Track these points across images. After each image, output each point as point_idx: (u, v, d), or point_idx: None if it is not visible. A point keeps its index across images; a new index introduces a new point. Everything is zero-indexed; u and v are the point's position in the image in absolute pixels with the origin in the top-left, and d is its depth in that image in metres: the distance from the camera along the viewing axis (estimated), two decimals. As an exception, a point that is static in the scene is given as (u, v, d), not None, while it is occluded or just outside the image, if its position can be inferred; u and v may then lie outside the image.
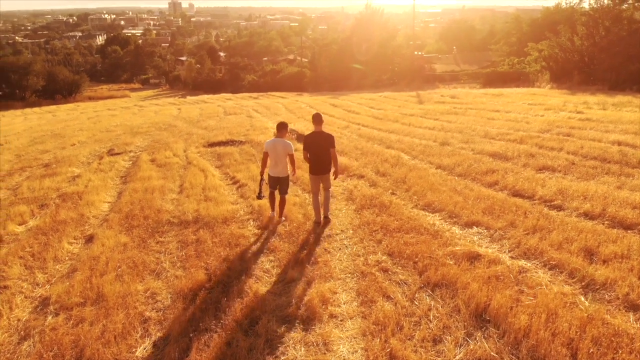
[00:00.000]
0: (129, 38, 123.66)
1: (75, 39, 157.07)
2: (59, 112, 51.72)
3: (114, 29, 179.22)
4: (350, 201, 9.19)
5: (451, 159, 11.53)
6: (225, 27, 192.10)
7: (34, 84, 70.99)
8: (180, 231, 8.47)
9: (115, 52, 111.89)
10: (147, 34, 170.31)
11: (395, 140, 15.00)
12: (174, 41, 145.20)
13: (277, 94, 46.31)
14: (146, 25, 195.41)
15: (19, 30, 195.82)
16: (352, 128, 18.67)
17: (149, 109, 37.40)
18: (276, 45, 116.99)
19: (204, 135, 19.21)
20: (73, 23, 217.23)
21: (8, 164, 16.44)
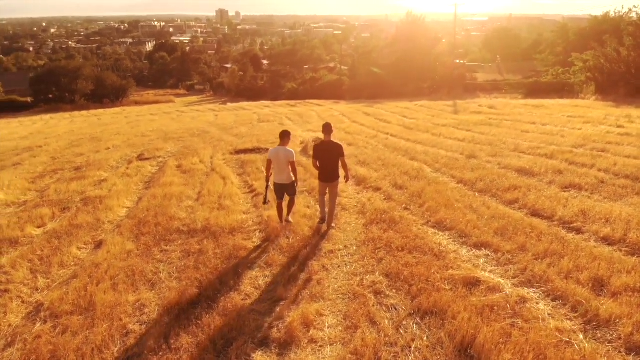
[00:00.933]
0: (177, 45, 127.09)
1: (126, 45, 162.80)
2: (104, 115, 53.47)
3: (163, 36, 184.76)
4: (361, 215, 8.89)
5: (474, 173, 11.04)
6: (270, 35, 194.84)
7: (83, 88, 73.61)
8: (187, 240, 8.39)
9: (163, 59, 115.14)
10: (195, 41, 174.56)
11: (421, 151, 14.58)
12: (220, 48, 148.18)
13: (314, 102, 46.34)
14: (194, 33, 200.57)
15: (73, 35, 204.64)
16: (380, 137, 18.32)
17: (187, 115, 38.11)
18: (318, 53, 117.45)
19: (233, 142, 19.28)
20: (124, 30, 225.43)
21: (42, 166, 16.93)
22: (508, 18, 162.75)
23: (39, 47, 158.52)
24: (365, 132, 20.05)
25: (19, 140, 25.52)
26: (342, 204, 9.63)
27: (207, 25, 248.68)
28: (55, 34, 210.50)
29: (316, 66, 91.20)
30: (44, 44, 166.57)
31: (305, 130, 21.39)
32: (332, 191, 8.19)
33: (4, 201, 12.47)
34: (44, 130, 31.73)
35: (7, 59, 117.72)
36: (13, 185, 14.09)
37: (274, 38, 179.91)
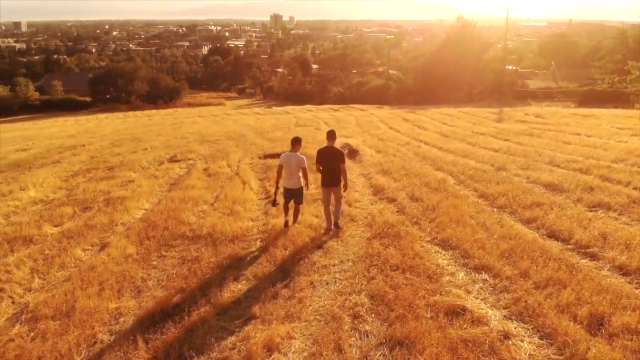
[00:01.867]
0: (231, 49, 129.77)
1: (183, 48, 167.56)
2: (155, 116, 55.07)
3: (219, 40, 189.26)
4: (368, 227, 8.49)
5: (499, 187, 10.39)
6: (322, 39, 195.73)
7: (138, 89, 76.19)
8: (188, 246, 8.27)
9: (217, 62, 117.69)
10: (249, 45, 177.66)
11: (450, 161, 13.95)
12: (272, 53, 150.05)
13: (357, 107, 45.87)
14: (248, 37, 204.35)
15: (134, 38, 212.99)
16: (411, 145, 17.75)
17: (231, 118, 38.61)
18: (369, 57, 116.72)
19: (264, 146, 19.22)
20: (182, 33, 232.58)
21: (79, 165, 17.41)
22: (568, 24, 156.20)
23: (101, 49, 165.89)
24: (398, 139, 19.51)
25: (67, 138, 26.52)
26: (352, 215, 9.27)
27: (262, 29, 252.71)
28: (117, 37, 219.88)
29: (365, 70, 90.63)
30: (106, 46, 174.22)
31: (338, 136, 21.01)
32: (336, 195, 8.42)
33: (33, 198, 12.84)
34: (93, 129, 32.92)
35: (71, 59, 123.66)
36: (46, 183, 14.52)
37: (326, 42, 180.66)
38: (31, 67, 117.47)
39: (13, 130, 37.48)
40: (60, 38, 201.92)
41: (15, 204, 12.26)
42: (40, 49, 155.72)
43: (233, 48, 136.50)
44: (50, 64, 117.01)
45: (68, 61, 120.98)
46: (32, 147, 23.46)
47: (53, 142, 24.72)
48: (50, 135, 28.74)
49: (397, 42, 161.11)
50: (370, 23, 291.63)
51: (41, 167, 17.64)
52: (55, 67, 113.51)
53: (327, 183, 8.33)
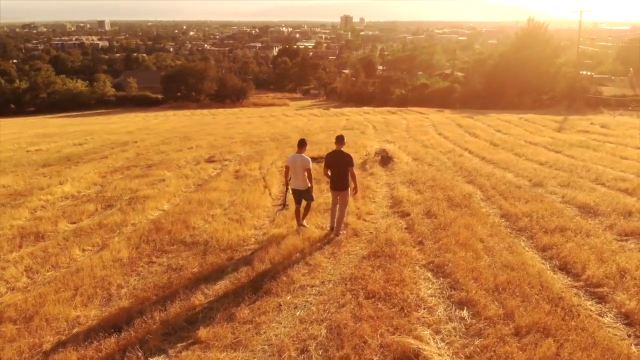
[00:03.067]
0: (298, 50, 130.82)
1: (255, 49, 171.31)
2: (219, 115, 56.44)
3: (290, 41, 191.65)
4: (368, 244, 7.90)
5: (527, 205, 9.42)
6: (391, 40, 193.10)
7: (207, 88, 78.55)
8: (180, 253, 8.06)
9: (285, 63, 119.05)
10: (318, 46, 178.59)
11: (487, 173, 12.95)
12: (340, 54, 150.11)
13: (416, 110, 44.66)
14: (318, 39, 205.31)
15: (209, 38, 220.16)
16: (454, 153, 16.76)
17: (284, 119, 38.72)
18: (437, 59, 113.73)
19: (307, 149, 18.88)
20: (255, 34, 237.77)
21: (122, 162, 17.85)
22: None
23: (178, 48, 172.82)
24: (442, 146, 18.54)
25: (124, 134, 27.51)
26: (357, 229, 8.70)
27: (332, 31, 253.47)
28: (193, 37, 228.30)
29: (432, 72, 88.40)
30: (183, 46, 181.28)
31: (380, 141, 20.37)
32: (342, 200, 8.41)
33: (65, 193, 13.20)
34: (153, 126, 34.07)
35: (149, 57, 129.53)
36: (84, 178, 14.95)
37: (395, 44, 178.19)
38: (112, 64, 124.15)
39: (82, 124, 39.59)
40: (141, 37, 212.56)
41: (47, 199, 12.65)
42: (122, 47, 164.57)
43: (301, 49, 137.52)
44: (130, 62, 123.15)
45: (146, 59, 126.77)
46: (89, 142, 24.47)
47: (110, 138, 25.69)
48: (110, 131, 29.98)
49: (469, 43, 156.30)
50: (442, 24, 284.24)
51: (88, 162, 18.26)
52: (135, 65, 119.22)
53: (334, 187, 8.41)
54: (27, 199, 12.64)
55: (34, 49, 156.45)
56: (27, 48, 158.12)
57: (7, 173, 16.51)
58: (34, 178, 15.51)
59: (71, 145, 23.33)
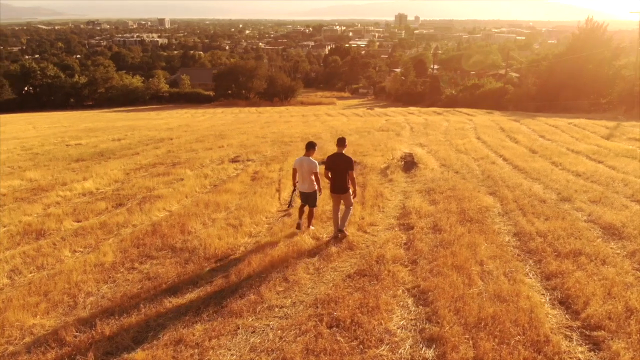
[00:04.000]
0: (349, 49, 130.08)
1: (308, 48, 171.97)
2: (265, 113, 56.76)
3: (343, 40, 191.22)
4: (358, 260, 7.34)
5: (545, 224, 8.54)
6: (446, 39, 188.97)
7: (257, 86, 79.29)
8: (164, 260, 7.80)
9: (335, 62, 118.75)
10: (370, 45, 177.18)
11: (514, 184, 11.99)
12: (392, 53, 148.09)
13: (464, 111, 43.07)
14: (371, 37, 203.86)
15: (264, 37, 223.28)
16: (486, 160, 15.76)
17: (324, 118, 38.27)
18: (493, 59, 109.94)
19: (330, 150, 18.32)
20: (308, 33, 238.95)
21: (150, 159, 17.96)
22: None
23: (233, 46, 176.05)
24: (477, 152, 17.51)
25: (164, 131, 27.91)
26: (354, 242, 8.14)
27: (385, 30, 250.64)
28: (248, 35, 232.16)
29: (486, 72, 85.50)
30: (238, 44, 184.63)
31: (412, 144, 19.56)
32: (345, 202, 8.42)
33: (85, 190, 13.32)
34: (194, 123, 34.47)
35: (205, 55, 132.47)
36: (107, 175, 15.08)
37: (450, 43, 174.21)
38: (170, 61, 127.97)
39: (130, 119, 40.71)
40: (198, 35, 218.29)
41: (65, 195, 12.79)
42: (180, 45, 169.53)
43: (353, 48, 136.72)
44: (186, 59, 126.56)
45: (202, 57, 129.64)
46: (128, 137, 24.96)
47: (148, 134, 26.12)
48: (152, 127, 30.54)
49: (527, 43, 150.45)
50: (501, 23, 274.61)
51: (119, 158, 18.51)
52: (191, 62, 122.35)
53: (334, 189, 8.33)
54: (45, 195, 12.83)
55: (97, 45, 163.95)
56: (90, 44, 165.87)
57: (40, 167, 16.96)
58: (62, 173, 15.81)
59: (110, 141, 23.84)
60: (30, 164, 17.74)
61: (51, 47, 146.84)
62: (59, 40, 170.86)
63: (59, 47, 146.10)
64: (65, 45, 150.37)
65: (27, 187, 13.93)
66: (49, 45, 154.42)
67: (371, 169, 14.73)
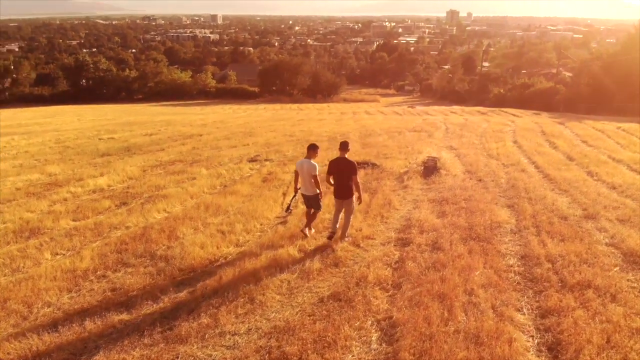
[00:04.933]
0: (398, 45, 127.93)
1: (356, 45, 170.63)
2: (304, 110, 56.45)
3: (392, 36, 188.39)
4: (339, 280, 6.67)
5: (560, 246, 7.58)
6: (499, 36, 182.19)
7: (301, 83, 79.16)
8: (140, 269, 7.40)
9: (382, 58, 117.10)
10: (420, 41, 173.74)
11: (537, 197, 10.93)
12: (443, 49, 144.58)
13: (510, 111, 41.12)
14: (421, 34, 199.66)
15: (312, 33, 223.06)
16: (515, 167, 14.61)
17: (360, 117, 37.42)
18: (547, 57, 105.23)
19: (356, 152, 17.60)
20: (357, 29, 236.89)
21: (173, 156, 17.80)
22: None
23: (282, 43, 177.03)
24: (509, 157, 16.31)
25: (198, 126, 27.93)
26: (342, 257, 7.48)
27: (436, 26, 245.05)
28: (297, 32, 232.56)
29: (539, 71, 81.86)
30: (287, 40, 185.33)
31: (442, 147, 18.54)
32: (347, 209, 8.16)
33: (97, 187, 13.22)
34: (229, 119, 34.47)
35: (254, 51, 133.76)
36: (124, 171, 14.99)
37: (503, 40, 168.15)
38: (220, 57, 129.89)
39: (171, 114, 41.27)
40: (249, 31, 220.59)
41: (75, 191, 12.73)
42: (231, 41, 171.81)
43: (401, 44, 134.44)
44: (236, 55, 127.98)
45: (251, 53, 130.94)
46: (160, 132, 25.07)
47: (180, 130, 26.19)
48: (187, 122, 30.67)
49: (584, 42, 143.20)
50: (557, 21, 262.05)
51: (144, 153, 18.49)
52: (240, 58, 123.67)
53: (337, 195, 8.13)
54: (57, 190, 12.82)
55: (151, 40, 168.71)
56: (145, 39, 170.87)
57: (65, 161, 17.12)
58: (83, 168, 15.86)
59: (141, 135, 24.01)
60: (57, 157, 17.97)
61: (108, 42, 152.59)
62: (116, 34, 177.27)
63: (115, 41, 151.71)
64: (122, 40, 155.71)
65: (43, 181, 13.99)
66: (106, 39, 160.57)
67: (389, 173, 13.94)
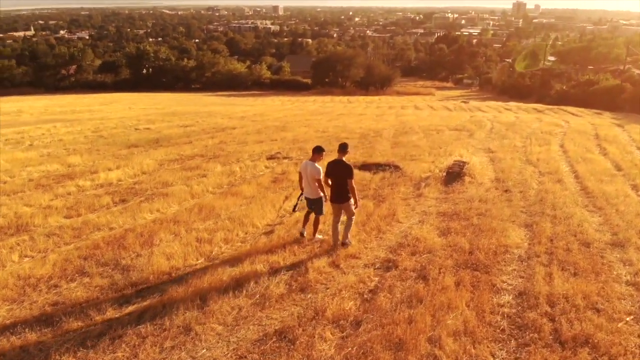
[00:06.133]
0: (458, 37, 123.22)
1: (416, 36, 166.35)
2: (354, 102, 55.39)
3: (454, 27, 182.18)
4: (297, 310, 5.83)
5: (570, 282, 6.36)
6: (568, 30, 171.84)
7: (354, 75, 77.83)
8: (93, 279, 6.86)
9: (441, 50, 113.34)
10: (483, 33, 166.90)
11: (563, 215, 9.55)
12: (506, 42, 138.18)
13: (570, 110, 38.25)
14: (485, 25, 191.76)
15: (372, 24, 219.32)
16: (551, 177, 13.06)
17: (404, 112, 35.98)
18: (617, 52, 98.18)
19: (381, 152, 16.63)
20: (418, 21, 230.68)
21: (197, 150, 17.46)
22: None
23: (341, 34, 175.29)
24: (549, 164, 14.66)
25: (234, 119, 27.59)
26: (314, 281, 6.64)
27: (501, 18, 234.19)
28: (357, 23, 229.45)
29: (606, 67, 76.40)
30: (346, 31, 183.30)
31: (479, 148, 17.14)
32: (347, 213, 7.92)
33: (107, 180, 13.01)
34: (269, 111, 34.03)
35: (312, 43, 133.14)
36: (140, 165, 14.75)
37: (572, 33, 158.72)
38: (279, 48, 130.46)
39: (217, 104, 41.46)
40: (309, 22, 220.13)
41: (83, 185, 12.55)
42: (290, 32, 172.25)
43: (461, 36, 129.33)
44: (294, 46, 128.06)
45: (309, 44, 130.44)
46: (196, 124, 24.92)
47: (217, 122, 25.98)
48: (227, 114, 30.45)
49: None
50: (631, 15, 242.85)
51: (170, 146, 18.26)
52: (298, 49, 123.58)
53: (334, 199, 7.86)
54: (66, 183, 12.68)
55: (214, 30, 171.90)
56: (208, 29, 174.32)
57: (91, 152, 17.15)
58: (104, 160, 15.77)
59: (177, 127, 23.94)
60: (86, 147, 18.05)
61: (173, 31, 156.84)
62: (181, 24, 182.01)
63: (179, 31, 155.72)
64: (186, 30, 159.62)
65: (59, 173, 13.94)
66: (171, 29, 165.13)
67: (408, 178, 12.83)
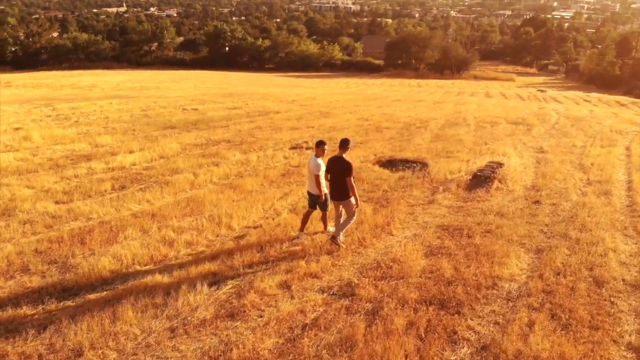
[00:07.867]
0: (546, 20, 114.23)
1: (503, 18, 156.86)
2: (426, 86, 53.15)
3: (545, 10, 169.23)
4: (217, 347, 5.03)
5: (552, 339, 5.01)
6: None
7: (428, 57, 74.64)
8: (31, 279, 6.47)
9: (527, 34, 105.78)
10: (576, 17, 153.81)
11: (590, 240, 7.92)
12: (600, 27, 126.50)
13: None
14: (578, 8, 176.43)
15: (457, 5, 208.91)
16: (597, 187, 11.22)
17: (472, 98, 33.53)
18: None
19: (416, 147, 15.27)
20: (506, 2, 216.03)
21: (229, 134, 17.03)
22: None
23: (423, 14, 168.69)
24: (602, 172, 12.67)
25: (284, 103, 26.77)
26: (249, 307, 5.78)
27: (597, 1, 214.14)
28: (440, 3, 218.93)
29: None
30: (429, 12, 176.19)
31: (531, 147, 15.36)
32: (347, 211, 7.61)
33: (121, 164, 12.82)
34: (322, 95, 33.01)
35: (391, 23, 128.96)
36: (163, 149, 14.47)
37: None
38: (357, 28, 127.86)
39: (280, 86, 41.08)
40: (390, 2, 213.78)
41: (95, 167, 12.44)
42: (371, 12, 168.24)
43: (551, 19, 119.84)
44: (373, 27, 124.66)
45: (388, 24, 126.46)
46: (244, 107, 24.50)
47: (264, 105, 25.43)
48: (279, 97, 29.72)
49: None
50: None
51: (204, 129, 17.95)
52: (377, 30, 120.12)
53: (333, 196, 7.63)
54: (80, 165, 12.62)
55: (295, 10, 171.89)
56: (289, 9, 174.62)
57: (126, 132, 17.17)
58: (134, 141, 15.67)
59: (224, 109, 23.64)
60: (124, 126, 18.14)
61: (256, 10, 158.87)
62: (264, 4, 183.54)
63: (262, 10, 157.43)
64: (268, 9, 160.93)
65: (82, 153, 13.95)
66: (254, 8, 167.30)
67: (429, 180, 11.53)
